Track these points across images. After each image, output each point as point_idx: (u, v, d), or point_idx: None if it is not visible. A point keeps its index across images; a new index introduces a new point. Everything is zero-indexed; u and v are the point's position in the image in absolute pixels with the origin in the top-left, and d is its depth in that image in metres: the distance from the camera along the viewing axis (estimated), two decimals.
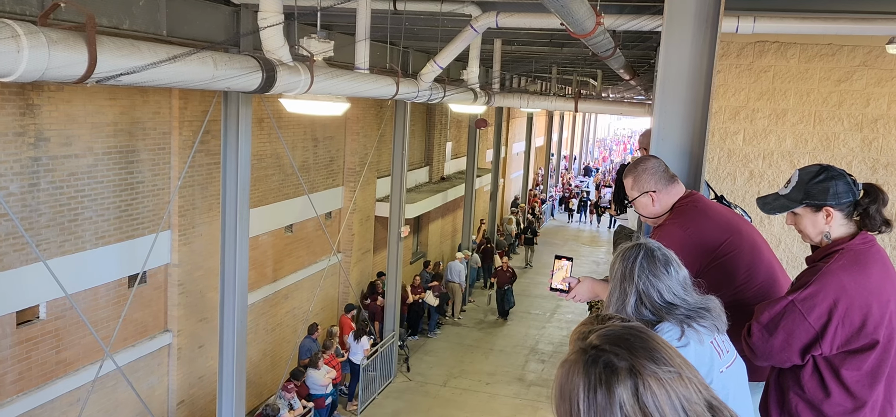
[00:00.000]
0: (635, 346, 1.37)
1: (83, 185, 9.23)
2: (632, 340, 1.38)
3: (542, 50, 15.27)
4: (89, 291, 9.54)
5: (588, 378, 1.34)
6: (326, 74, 6.75)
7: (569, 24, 6.07)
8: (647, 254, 2.34)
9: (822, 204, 2.66)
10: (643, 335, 1.41)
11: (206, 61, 4.81)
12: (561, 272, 3.21)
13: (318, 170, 15.02)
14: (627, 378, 1.31)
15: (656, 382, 1.31)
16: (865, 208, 2.65)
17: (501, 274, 20.36)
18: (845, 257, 2.61)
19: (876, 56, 6.90)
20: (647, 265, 2.33)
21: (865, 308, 2.57)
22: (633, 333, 1.42)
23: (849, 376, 2.62)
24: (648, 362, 1.34)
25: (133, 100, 9.84)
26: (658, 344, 1.39)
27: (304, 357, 13.49)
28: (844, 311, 2.56)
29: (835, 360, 2.63)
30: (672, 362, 1.36)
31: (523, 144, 33.69)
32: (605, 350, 1.36)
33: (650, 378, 1.31)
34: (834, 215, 2.67)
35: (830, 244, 2.70)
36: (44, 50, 3.49)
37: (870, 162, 7.16)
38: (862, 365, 2.61)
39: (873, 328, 2.58)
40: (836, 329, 2.56)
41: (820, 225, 2.71)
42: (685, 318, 2.26)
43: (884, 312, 2.60)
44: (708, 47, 3.91)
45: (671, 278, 2.32)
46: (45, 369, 9.06)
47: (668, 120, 4.04)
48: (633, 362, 1.33)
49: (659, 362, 1.34)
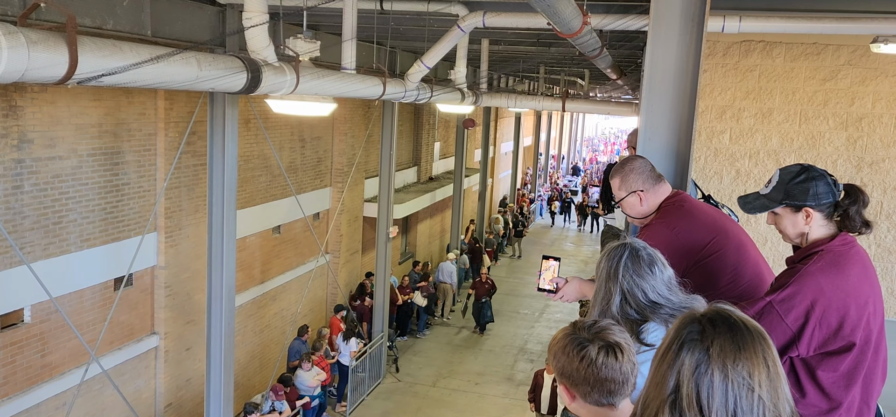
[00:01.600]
0: (731, 337, 1.38)
1: (68, 187, 9.14)
2: (735, 330, 1.39)
3: (529, 50, 15.28)
4: (75, 294, 9.45)
5: (677, 333, 1.40)
6: (312, 74, 6.72)
7: (555, 24, 6.06)
8: (632, 254, 2.35)
9: (802, 204, 2.66)
10: (753, 333, 1.40)
11: (190, 62, 4.77)
12: (548, 272, 3.20)
13: (305, 170, 14.96)
14: (699, 351, 1.35)
15: (721, 374, 1.33)
16: (845, 209, 2.65)
17: (480, 286, 19.04)
18: (824, 259, 2.61)
19: (860, 55, 6.95)
20: (631, 264, 2.33)
21: (843, 310, 2.57)
22: (743, 326, 1.42)
23: (824, 377, 2.62)
24: (731, 356, 1.35)
25: (118, 102, 9.76)
26: (754, 353, 1.37)
27: (293, 359, 13.43)
28: (821, 313, 2.56)
29: (811, 361, 2.63)
30: (752, 375, 1.34)
31: (512, 144, 33.72)
32: (701, 323, 1.40)
33: (716, 366, 1.33)
34: (813, 216, 2.67)
35: (810, 245, 2.70)
36: (23, 50, 3.44)
37: (855, 160, 7.20)
38: (838, 367, 2.62)
39: (850, 330, 2.58)
40: (813, 331, 2.56)
41: (799, 226, 2.71)
42: (670, 318, 2.26)
43: (861, 314, 2.60)
44: (694, 46, 3.92)
45: (655, 277, 2.32)
46: (30, 373, 8.98)
47: (654, 119, 4.04)
48: (717, 347, 1.35)
49: (737, 364, 1.35)
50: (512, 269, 25.85)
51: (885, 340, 2.75)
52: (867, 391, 2.69)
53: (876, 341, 2.68)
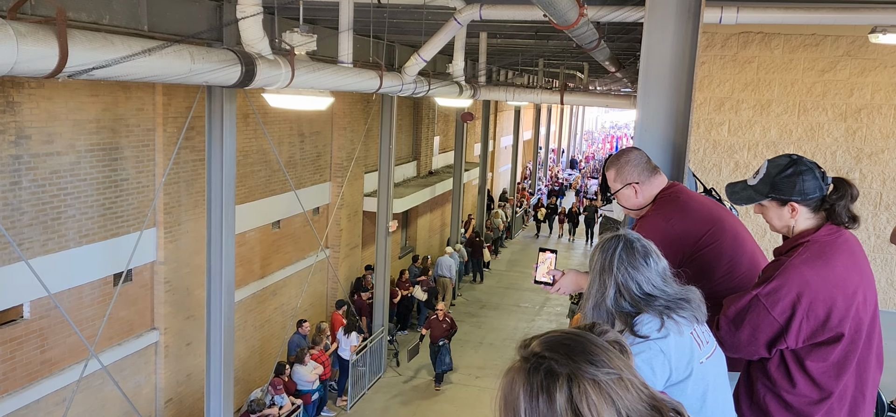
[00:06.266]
0: (574, 351, 1.38)
1: (66, 183, 9.13)
2: (571, 345, 1.40)
3: (527, 43, 15.24)
4: (74, 290, 9.45)
5: (530, 386, 1.36)
6: (308, 68, 6.70)
7: (552, 16, 6.04)
8: (627, 246, 2.33)
9: (788, 198, 2.65)
10: (583, 339, 1.43)
11: (183, 55, 4.74)
12: (545, 265, 3.19)
13: (304, 165, 14.95)
14: (565, 383, 1.33)
15: (593, 386, 1.33)
16: (832, 204, 2.63)
17: (435, 325, 15.11)
18: (809, 251, 2.60)
19: (859, 46, 6.92)
20: (625, 256, 2.32)
21: (829, 301, 2.56)
22: (573, 338, 1.43)
23: (814, 367, 2.61)
24: (587, 365, 1.35)
25: (116, 97, 9.74)
26: (598, 347, 1.41)
27: (293, 352, 13.44)
28: (808, 305, 2.55)
29: (801, 352, 2.62)
30: (611, 364, 1.37)
31: (511, 138, 33.69)
32: (545, 357, 1.38)
33: (587, 381, 1.33)
34: (799, 210, 2.65)
35: (796, 236, 2.69)
36: (11, 43, 3.42)
37: (854, 151, 7.18)
38: (828, 357, 2.61)
39: (838, 321, 2.57)
40: (801, 323, 2.55)
41: (785, 219, 2.70)
42: (664, 309, 2.25)
43: (850, 304, 2.59)
44: (690, 38, 3.90)
45: (650, 269, 2.31)
46: (29, 369, 8.98)
47: (651, 111, 4.03)
48: (572, 367, 1.35)
49: (599, 365, 1.36)
50: (512, 263, 25.85)
51: (878, 327, 2.74)
52: (861, 379, 2.68)
53: (868, 329, 2.67)
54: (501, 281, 23.40)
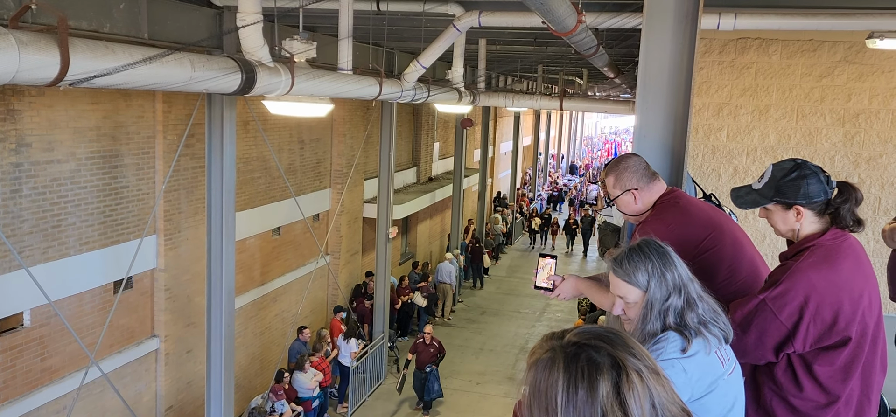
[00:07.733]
0: (615, 342, 1.35)
1: (66, 191, 9.14)
2: (610, 337, 1.37)
3: (526, 49, 15.27)
4: (74, 297, 9.45)
5: (569, 374, 1.31)
6: (308, 75, 6.72)
7: (550, 23, 6.07)
8: (657, 249, 2.23)
9: (793, 202, 2.66)
10: (619, 332, 1.40)
11: (183, 63, 4.77)
12: (545, 270, 3.21)
13: (304, 172, 14.96)
14: (610, 371, 1.30)
15: (637, 377, 1.30)
16: (837, 208, 2.64)
17: (422, 350, 14.21)
18: (815, 254, 2.60)
19: (857, 51, 6.95)
20: (664, 260, 2.20)
21: (836, 305, 2.56)
22: (610, 331, 1.40)
23: (821, 371, 2.61)
24: (629, 356, 1.32)
25: (116, 104, 9.76)
26: (634, 341, 1.38)
27: (293, 359, 13.43)
28: (815, 309, 2.55)
29: (808, 356, 2.62)
30: (649, 358, 1.36)
31: (511, 144, 33.72)
32: (586, 346, 1.34)
33: (632, 372, 1.30)
34: (804, 213, 2.66)
35: (801, 241, 2.69)
36: (13, 52, 3.44)
37: (852, 156, 7.20)
38: (835, 361, 2.61)
39: (845, 324, 2.57)
40: (808, 327, 2.55)
41: (790, 223, 2.71)
42: (699, 324, 2.16)
43: (856, 307, 2.59)
44: (688, 44, 3.91)
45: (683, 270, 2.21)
46: (30, 377, 8.98)
47: (649, 116, 4.04)
48: (615, 356, 1.31)
49: (639, 357, 1.34)
50: (512, 269, 25.84)
51: (883, 331, 2.75)
52: (866, 383, 2.69)
53: (873, 333, 2.67)
54: (502, 287, 23.39)
